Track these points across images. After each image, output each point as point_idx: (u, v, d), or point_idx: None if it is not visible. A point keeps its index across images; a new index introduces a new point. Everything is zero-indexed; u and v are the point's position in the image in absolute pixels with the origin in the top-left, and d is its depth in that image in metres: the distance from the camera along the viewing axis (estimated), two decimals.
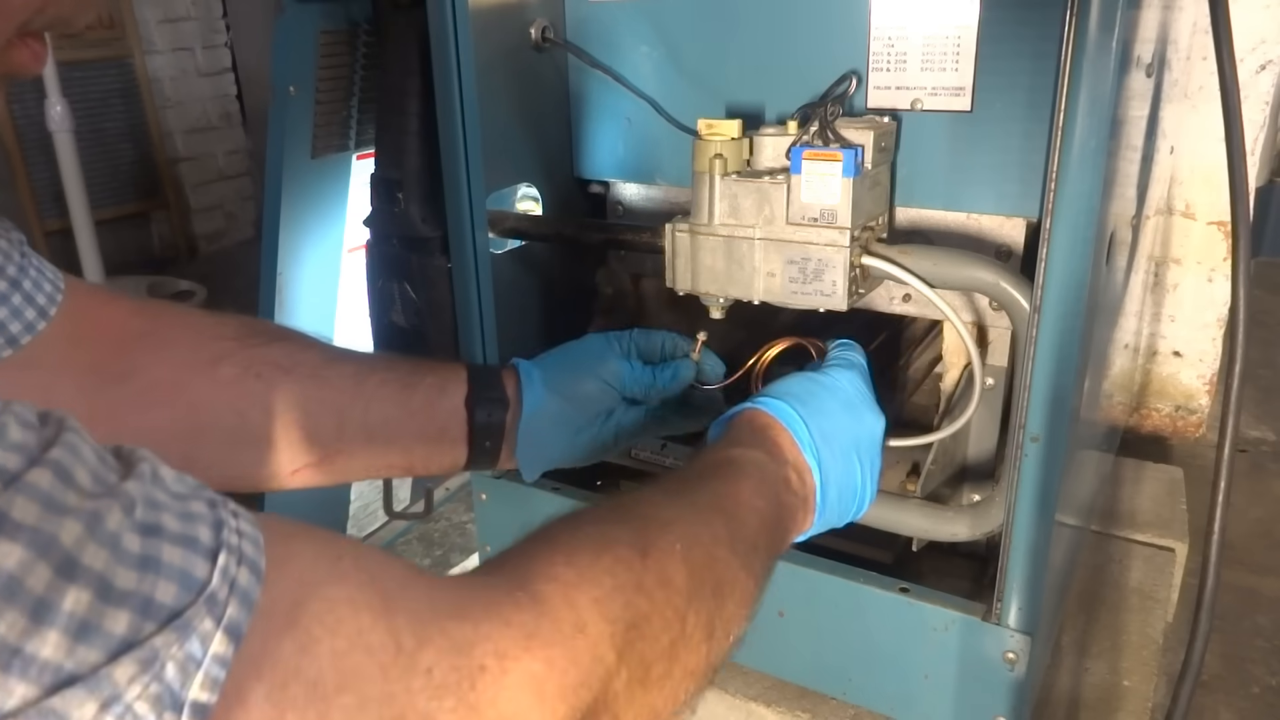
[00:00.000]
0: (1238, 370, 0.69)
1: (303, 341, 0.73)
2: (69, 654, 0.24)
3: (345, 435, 0.71)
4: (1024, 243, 0.80)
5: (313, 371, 0.70)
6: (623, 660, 0.44)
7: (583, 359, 0.83)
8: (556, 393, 0.80)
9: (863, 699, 0.88)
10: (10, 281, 0.53)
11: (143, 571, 0.26)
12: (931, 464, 0.84)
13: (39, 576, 0.24)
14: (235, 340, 0.67)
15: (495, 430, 0.78)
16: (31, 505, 0.25)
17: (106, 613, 0.25)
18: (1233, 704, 1.16)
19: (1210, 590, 0.70)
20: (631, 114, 0.93)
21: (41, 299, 0.54)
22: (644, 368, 0.83)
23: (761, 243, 0.77)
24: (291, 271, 1.20)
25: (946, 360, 0.88)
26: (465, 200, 0.91)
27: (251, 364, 0.67)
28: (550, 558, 0.46)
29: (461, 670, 0.37)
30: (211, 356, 0.66)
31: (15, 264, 0.53)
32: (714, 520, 0.55)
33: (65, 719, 0.24)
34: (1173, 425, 1.64)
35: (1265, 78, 1.42)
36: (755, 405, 0.69)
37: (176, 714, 0.26)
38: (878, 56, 0.79)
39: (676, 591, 0.49)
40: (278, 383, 0.67)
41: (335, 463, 0.72)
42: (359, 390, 0.72)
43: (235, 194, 3.44)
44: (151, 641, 0.26)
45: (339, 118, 1.22)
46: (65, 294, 0.58)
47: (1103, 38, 0.61)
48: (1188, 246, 1.53)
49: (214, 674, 0.28)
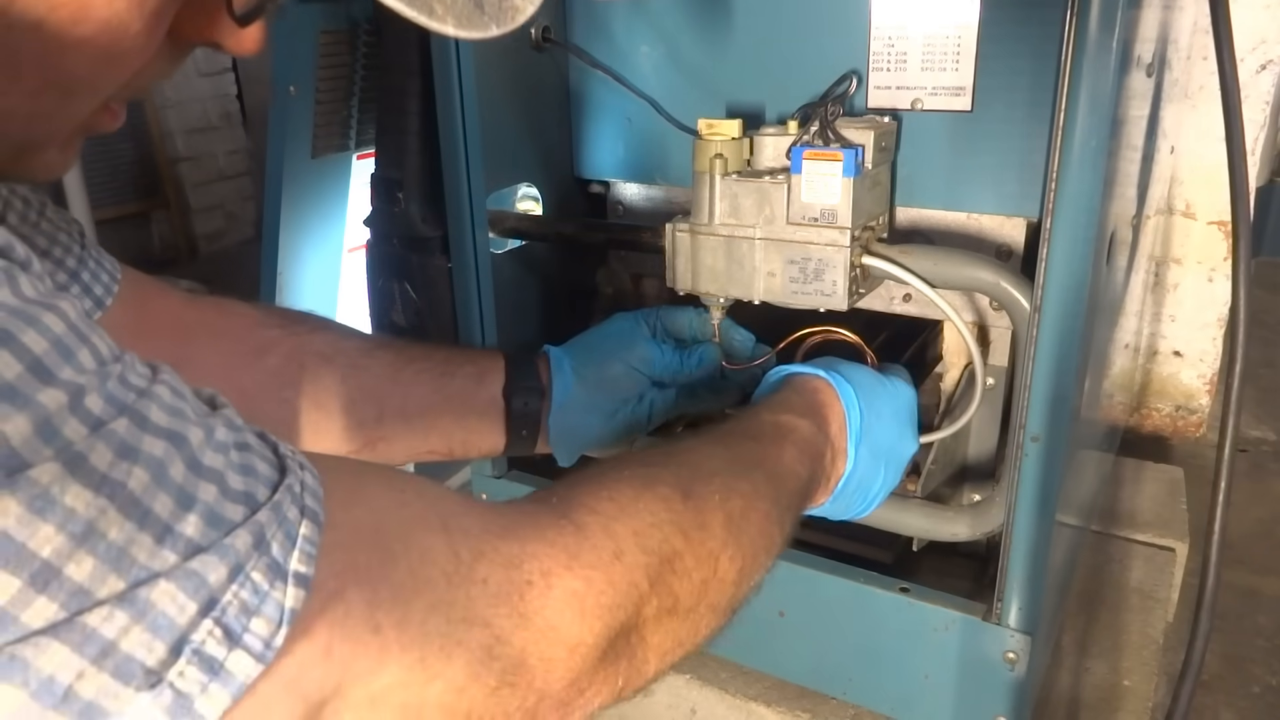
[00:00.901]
0: (1238, 370, 0.69)
1: (343, 330, 0.75)
2: (203, 534, 0.30)
3: (385, 421, 0.73)
4: (1024, 242, 0.80)
5: (353, 360, 0.72)
6: (654, 589, 0.48)
7: (612, 344, 0.85)
8: (586, 380, 0.82)
9: (863, 699, 0.88)
10: (70, 273, 0.54)
11: (245, 475, 0.32)
12: (932, 464, 0.84)
13: (178, 469, 0.30)
14: (280, 329, 0.69)
15: (532, 418, 0.80)
16: (162, 414, 0.31)
17: (226, 505, 0.31)
18: (1233, 704, 1.16)
19: (1210, 590, 0.70)
20: (632, 114, 0.93)
21: (99, 289, 0.56)
22: (673, 351, 0.85)
23: (762, 242, 0.77)
24: (292, 271, 1.20)
25: (947, 360, 0.88)
26: (465, 200, 0.91)
27: (295, 353, 0.69)
28: (595, 492, 0.50)
29: (513, 582, 0.41)
30: (258, 346, 0.68)
31: (75, 256, 0.55)
32: (756, 476, 0.60)
33: (203, 578, 0.29)
34: (1173, 425, 1.64)
35: (1266, 77, 1.42)
36: (823, 376, 0.72)
37: (284, 583, 0.32)
38: (878, 56, 0.79)
39: (712, 535, 0.53)
40: (320, 372, 0.70)
41: (376, 448, 0.75)
42: (398, 378, 0.74)
43: (235, 194, 3.44)
44: (258, 521, 0.31)
45: (339, 118, 1.22)
46: (122, 284, 0.60)
47: (1103, 37, 0.61)
48: (1188, 246, 1.53)
49: (308, 550, 0.33)
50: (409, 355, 0.76)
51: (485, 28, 0.38)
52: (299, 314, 0.73)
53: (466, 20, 0.37)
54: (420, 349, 0.77)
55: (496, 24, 0.38)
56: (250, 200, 3.44)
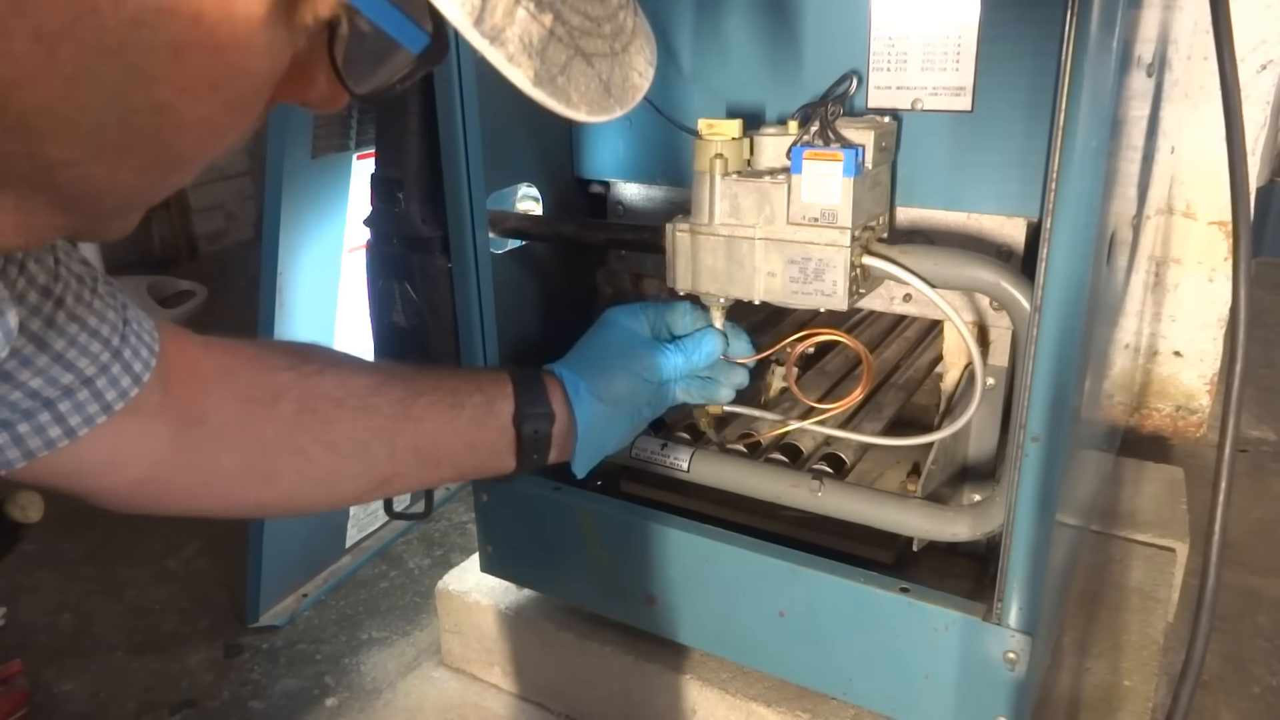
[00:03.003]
0: (1238, 370, 0.69)
1: (351, 366, 0.75)
2: None
3: (398, 458, 0.74)
4: (1024, 243, 0.79)
5: (364, 401, 0.72)
6: None
7: (617, 355, 0.85)
8: (605, 401, 0.82)
9: (863, 699, 0.88)
10: (113, 352, 0.55)
11: None
12: (932, 464, 0.84)
13: None
14: (291, 372, 0.70)
15: (543, 442, 0.81)
16: None
17: None
18: (1233, 704, 1.16)
19: (1211, 590, 0.70)
20: (632, 114, 0.93)
21: (138, 366, 0.57)
22: (675, 350, 0.85)
23: (762, 242, 0.77)
24: (291, 271, 1.20)
25: (947, 360, 0.88)
26: (465, 200, 0.91)
27: (307, 399, 0.70)
28: None
29: None
30: (272, 393, 0.68)
31: (119, 333, 0.56)
32: None
33: None
34: (1173, 425, 1.64)
35: (1266, 77, 1.42)
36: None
37: None
38: (878, 56, 0.79)
39: None
40: (332, 416, 0.70)
41: (391, 484, 0.76)
42: (408, 414, 0.74)
43: (235, 194, 3.43)
44: None
45: (339, 118, 1.22)
46: None
47: (1104, 37, 0.61)
48: (1188, 246, 1.53)
49: None
50: (417, 388, 0.75)
51: (611, 110, 0.40)
52: (304, 350, 0.73)
53: (598, 106, 0.38)
54: (428, 379, 0.77)
55: (620, 105, 0.40)
56: (250, 200, 3.43)
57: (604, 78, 0.39)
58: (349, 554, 1.47)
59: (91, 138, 0.32)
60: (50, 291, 0.51)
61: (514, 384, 0.80)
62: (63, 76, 0.30)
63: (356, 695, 1.19)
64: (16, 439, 0.52)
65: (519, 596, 1.10)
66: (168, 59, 0.31)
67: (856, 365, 1.06)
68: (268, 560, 1.29)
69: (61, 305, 0.52)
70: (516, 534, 1.03)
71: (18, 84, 0.30)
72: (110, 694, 1.22)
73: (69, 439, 0.54)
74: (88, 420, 0.54)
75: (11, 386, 0.51)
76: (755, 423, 0.94)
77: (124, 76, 0.30)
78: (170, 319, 2.73)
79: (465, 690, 1.14)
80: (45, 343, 0.51)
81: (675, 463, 0.93)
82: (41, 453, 0.53)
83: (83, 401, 0.54)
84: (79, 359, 0.53)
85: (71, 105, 0.31)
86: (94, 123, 0.31)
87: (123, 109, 0.31)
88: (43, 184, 0.33)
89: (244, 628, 1.32)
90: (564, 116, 0.37)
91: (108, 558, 1.50)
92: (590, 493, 0.98)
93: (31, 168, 0.32)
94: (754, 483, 0.90)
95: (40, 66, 0.29)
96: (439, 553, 1.50)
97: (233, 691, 1.22)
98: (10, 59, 0.29)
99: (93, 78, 0.30)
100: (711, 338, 0.86)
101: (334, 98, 0.38)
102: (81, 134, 0.32)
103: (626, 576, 0.95)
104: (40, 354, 0.51)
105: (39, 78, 0.30)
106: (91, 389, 0.54)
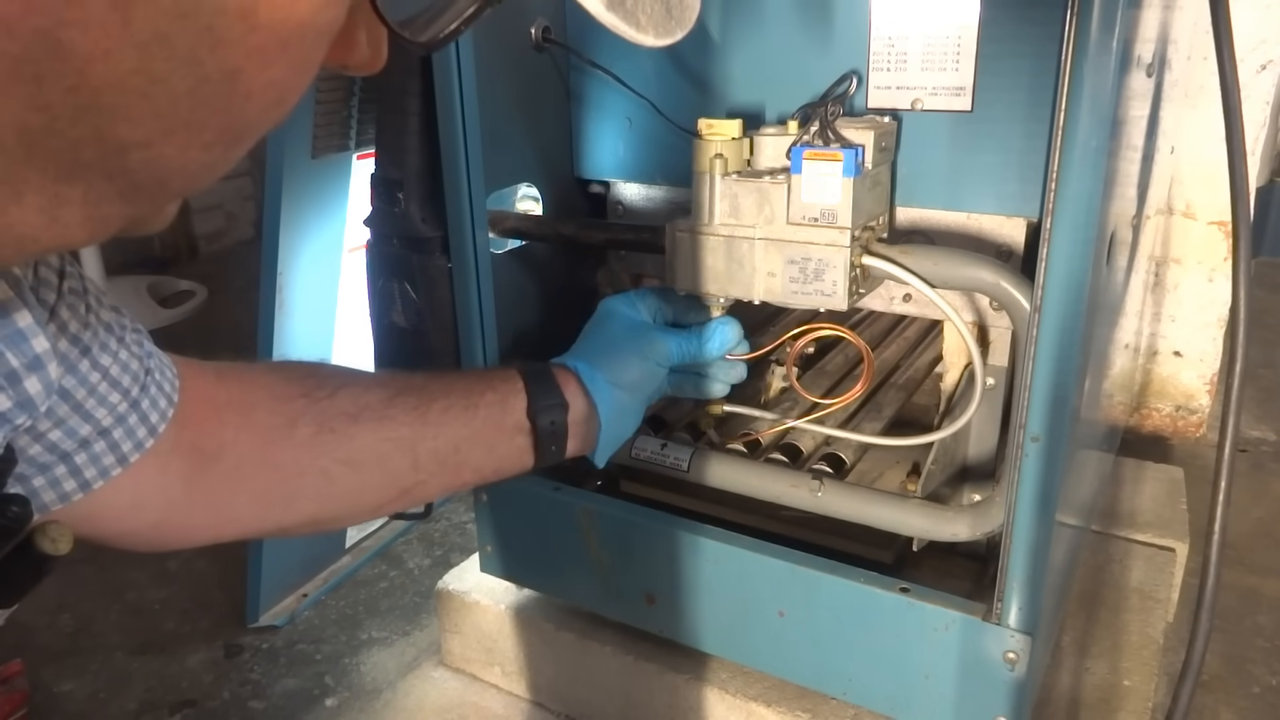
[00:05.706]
0: (1238, 370, 0.69)
1: (364, 382, 0.75)
2: None
3: (420, 467, 0.74)
4: (1024, 243, 0.80)
5: (379, 414, 0.72)
6: None
7: (626, 342, 0.85)
8: (623, 388, 0.83)
9: (863, 699, 0.88)
10: (131, 403, 0.54)
11: None
12: (932, 464, 0.84)
13: None
14: (304, 397, 0.69)
15: (560, 434, 0.81)
16: None
17: None
18: (1233, 704, 1.16)
19: (1210, 590, 0.70)
20: (632, 114, 0.93)
21: (155, 416, 0.56)
22: (686, 336, 0.85)
23: (762, 243, 0.77)
24: (291, 271, 1.20)
25: (947, 360, 0.88)
26: (465, 200, 0.91)
27: (324, 419, 0.69)
28: None
29: None
30: (287, 419, 0.68)
31: (139, 383, 0.55)
32: None
33: None
34: (1173, 425, 1.64)
35: (1266, 78, 1.42)
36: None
37: None
38: (878, 56, 0.79)
39: None
40: (350, 433, 0.70)
41: (413, 494, 0.76)
42: (425, 421, 0.74)
43: (235, 194, 3.43)
44: None
45: (339, 118, 1.22)
46: None
47: (1103, 37, 0.61)
48: (1188, 246, 1.53)
49: None
50: (430, 394, 0.75)
51: (673, 33, 0.40)
52: (315, 372, 0.73)
53: (662, 28, 0.39)
54: (440, 384, 0.77)
55: (680, 28, 0.40)
56: (250, 200, 3.43)
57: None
58: (349, 554, 1.47)
59: (163, 113, 0.30)
60: (79, 340, 0.50)
61: (524, 379, 0.80)
62: (137, 44, 0.28)
63: (356, 695, 1.19)
64: (31, 493, 0.51)
65: (519, 596, 1.10)
66: (239, 18, 0.29)
67: (856, 365, 1.06)
68: (267, 560, 1.29)
69: (88, 354, 0.51)
70: (516, 534, 1.03)
71: (91, 57, 0.27)
72: (110, 694, 1.22)
73: (83, 493, 0.53)
74: (103, 473, 0.53)
75: (32, 439, 0.50)
76: (755, 422, 0.94)
77: (197, 40, 0.29)
78: (170, 319, 2.72)
79: (465, 690, 1.14)
80: (68, 392, 0.50)
81: (675, 462, 0.93)
82: (55, 507, 0.52)
83: (99, 454, 0.53)
84: (97, 409, 0.52)
85: (143, 77, 0.28)
86: (166, 95, 0.29)
87: (195, 77, 0.30)
88: (113, 170, 0.31)
89: (244, 628, 1.32)
90: (632, 41, 0.38)
91: (107, 558, 1.50)
92: (590, 493, 0.98)
93: (100, 152, 0.30)
94: (754, 483, 0.90)
95: (115, 35, 0.27)
96: (439, 553, 1.50)
97: (233, 691, 1.22)
98: (83, 28, 0.27)
99: (166, 44, 0.28)
100: (728, 327, 0.85)
101: (375, 58, 0.37)
102: (153, 109, 0.30)
103: (626, 576, 0.95)
104: (62, 403, 0.50)
105: (113, 48, 0.27)
106: (108, 440, 0.53)
